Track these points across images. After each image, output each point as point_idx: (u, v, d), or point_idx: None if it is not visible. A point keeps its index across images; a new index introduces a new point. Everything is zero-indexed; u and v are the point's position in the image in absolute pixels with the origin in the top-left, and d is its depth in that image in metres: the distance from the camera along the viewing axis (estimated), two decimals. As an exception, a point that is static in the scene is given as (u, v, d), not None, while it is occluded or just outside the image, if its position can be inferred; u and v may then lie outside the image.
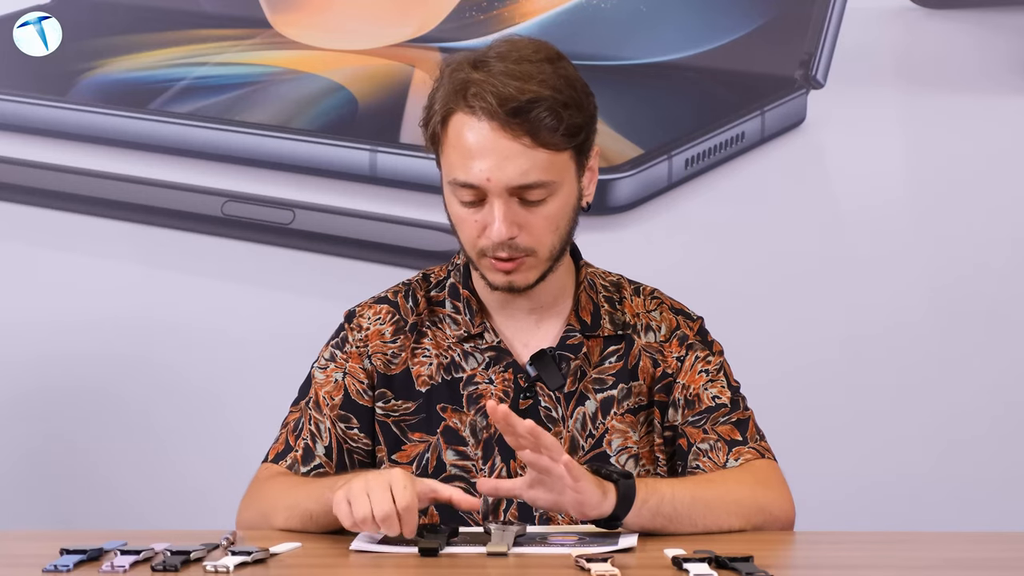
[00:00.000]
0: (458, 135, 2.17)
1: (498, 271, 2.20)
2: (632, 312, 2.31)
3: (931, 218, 3.29)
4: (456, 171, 2.17)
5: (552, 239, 2.21)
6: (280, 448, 2.29)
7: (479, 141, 2.15)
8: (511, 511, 2.23)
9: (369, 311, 2.32)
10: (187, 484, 3.29)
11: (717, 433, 2.25)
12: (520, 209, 2.17)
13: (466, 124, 2.16)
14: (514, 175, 2.15)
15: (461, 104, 2.16)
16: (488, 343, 2.27)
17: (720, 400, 2.27)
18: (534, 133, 2.14)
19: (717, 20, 3.29)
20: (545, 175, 2.17)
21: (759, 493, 2.19)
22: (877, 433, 3.27)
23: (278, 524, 2.18)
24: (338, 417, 2.27)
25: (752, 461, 2.25)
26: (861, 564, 2.01)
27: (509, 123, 2.13)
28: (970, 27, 3.29)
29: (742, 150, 3.31)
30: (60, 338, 3.30)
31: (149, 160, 3.32)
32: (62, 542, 1.97)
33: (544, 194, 2.18)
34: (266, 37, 3.35)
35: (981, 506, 3.24)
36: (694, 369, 2.29)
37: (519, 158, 2.15)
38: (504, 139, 2.14)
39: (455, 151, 2.17)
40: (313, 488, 2.15)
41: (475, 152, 2.15)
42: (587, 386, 2.27)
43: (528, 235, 2.18)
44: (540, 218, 2.19)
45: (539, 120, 2.14)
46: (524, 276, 2.21)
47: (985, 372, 3.27)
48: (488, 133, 2.14)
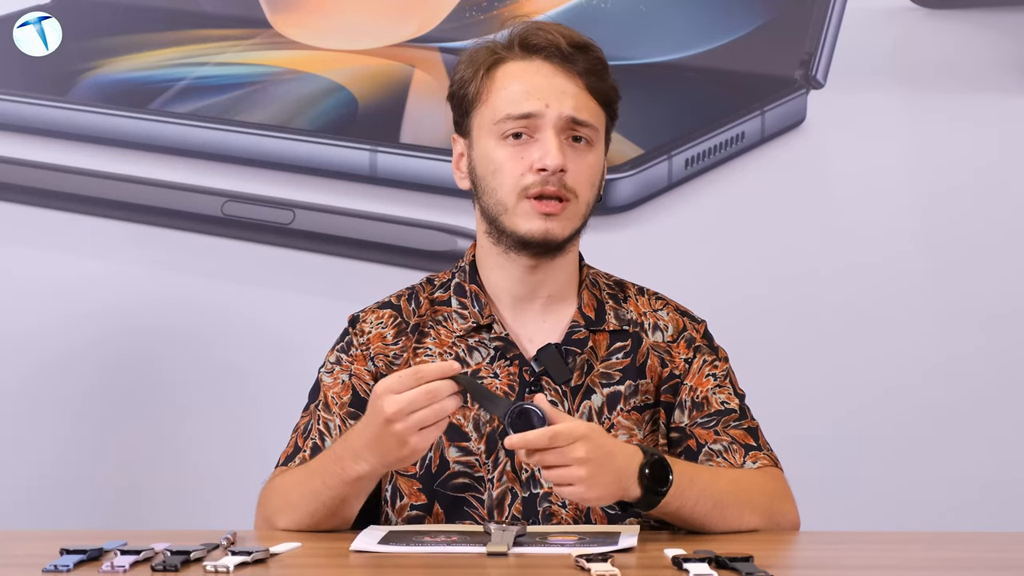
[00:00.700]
0: (510, 77, 2.23)
1: (539, 216, 2.21)
2: (638, 311, 2.32)
3: (931, 218, 3.29)
4: (508, 107, 2.21)
5: (589, 193, 2.25)
6: (290, 451, 2.30)
7: (536, 78, 2.22)
8: (516, 505, 2.23)
9: (372, 315, 2.33)
10: (187, 484, 3.29)
11: (730, 436, 2.26)
12: (568, 148, 2.22)
13: (521, 67, 2.23)
14: (572, 106, 2.21)
15: (514, 51, 2.23)
16: (496, 334, 2.27)
17: (729, 406, 2.28)
18: (587, 74, 2.22)
19: (717, 20, 3.29)
20: (593, 119, 2.23)
21: (776, 501, 2.21)
22: (876, 433, 3.27)
23: (293, 523, 2.17)
24: (348, 415, 2.27)
25: (769, 467, 2.25)
26: (861, 564, 2.01)
27: (567, 61, 2.21)
28: (970, 27, 3.29)
29: (742, 150, 3.31)
30: (59, 338, 3.30)
31: (149, 160, 3.32)
32: (62, 542, 1.97)
33: (591, 137, 2.24)
34: (266, 37, 3.35)
35: (981, 506, 3.25)
36: (701, 372, 2.29)
37: (576, 95, 2.22)
38: (561, 76, 2.22)
39: (505, 92, 2.22)
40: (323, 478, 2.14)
41: (532, 86, 2.21)
42: (594, 380, 2.28)
43: (574, 176, 2.22)
44: (584, 164, 2.23)
45: (592, 64, 2.23)
46: (561, 225, 2.22)
47: (984, 372, 3.27)
48: (546, 69, 2.22)
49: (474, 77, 2.24)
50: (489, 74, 2.23)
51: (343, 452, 2.11)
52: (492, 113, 2.22)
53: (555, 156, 2.19)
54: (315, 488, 2.15)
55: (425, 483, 2.24)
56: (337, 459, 2.12)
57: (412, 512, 2.24)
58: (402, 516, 2.25)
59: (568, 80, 2.21)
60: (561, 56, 2.21)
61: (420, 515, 2.24)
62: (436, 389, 2.02)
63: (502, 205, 2.22)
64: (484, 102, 2.23)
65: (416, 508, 2.24)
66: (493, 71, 2.23)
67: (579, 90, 2.22)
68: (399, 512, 2.25)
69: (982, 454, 3.26)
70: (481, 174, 2.24)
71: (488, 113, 2.23)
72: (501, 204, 2.22)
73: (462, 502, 2.23)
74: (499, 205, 2.23)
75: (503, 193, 2.22)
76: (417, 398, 2.01)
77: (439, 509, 2.23)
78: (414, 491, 2.25)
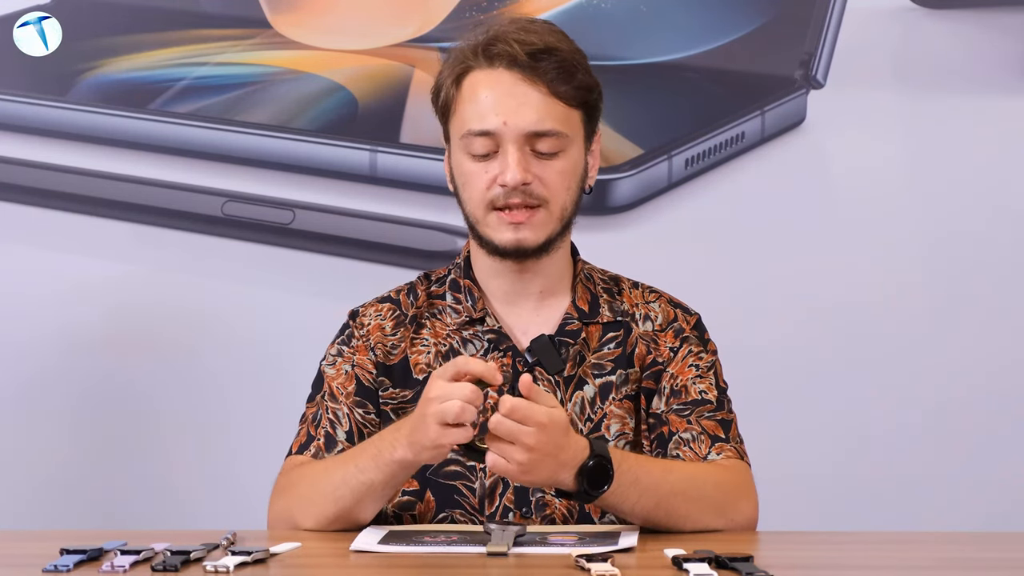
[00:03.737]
0: (474, 88, 2.22)
1: (508, 226, 2.22)
2: (631, 303, 2.33)
3: (930, 218, 3.29)
4: (471, 122, 2.22)
5: (564, 197, 2.24)
6: (303, 440, 2.30)
7: (497, 89, 2.21)
8: (507, 495, 2.23)
9: (371, 309, 2.35)
10: (187, 484, 3.29)
11: (701, 426, 2.26)
12: (534, 160, 2.22)
13: (484, 77, 2.22)
14: (531, 119, 2.20)
15: (479, 59, 2.22)
16: (489, 327, 2.28)
17: (707, 396, 2.28)
18: (551, 81, 2.20)
19: (717, 20, 3.29)
20: (559, 125, 2.22)
21: (731, 497, 2.20)
22: (876, 433, 3.27)
23: (304, 518, 2.17)
24: (355, 403, 2.28)
25: (732, 460, 2.25)
26: (861, 564, 2.01)
27: (528, 69, 2.20)
28: (970, 27, 3.29)
29: (742, 150, 3.31)
30: (58, 338, 3.30)
31: (149, 160, 3.32)
32: (62, 542, 1.97)
33: (557, 146, 2.22)
34: (266, 37, 3.35)
35: (981, 506, 3.24)
36: (685, 362, 2.30)
37: (536, 104, 2.20)
38: (522, 85, 2.20)
39: (470, 104, 2.22)
40: (356, 461, 2.14)
41: (492, 100, 2.20)
42: (586, 371, 2.29)
43: (541, 185, 2.22)
44: (554, 172, 2.23)
45: (556, 69, 2.20)
46: (534, 232, 2.23)
47: (984, 371, 3.27)
48: (507, 79, 2.21)
49: (445, 85, 2.26)
50: (457, 84, 2.24)
51: (387, 436, 2.12)
52: (460, 125, 2.24)
53: (514, 172, 2.20)
54: (347, 473, 2.15)
55: (418, 470, 2.24)
56: (378, 444, 2.13)
57: (404, 498, 2.25)
58: (393, 503, 2.25)
59: (531, 87, 2.20)
60: (521, 65, 2.20)
61: (412, 500, 2.24)
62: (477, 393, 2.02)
63: (474, 216, 2.26)
64: (454, 112, 2.25)
65: (408, 494, 2.25)
66: (461, 80, 2.24)
67: (543, 96, 2.20)
68: (391, 499, 2.25)
69: (982, 454, 3.26)
70: (458, 183, 2.28)
71: (457, 124, 2.25)
72: (474, 215, 2.26)
73: (453, 490, 2.24)
74: (472, 215, 2.26)
75: (472, 206, 2.25)
76: (457, 389, 2.02)
77: (430, 496, 2.24)
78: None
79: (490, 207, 2.23)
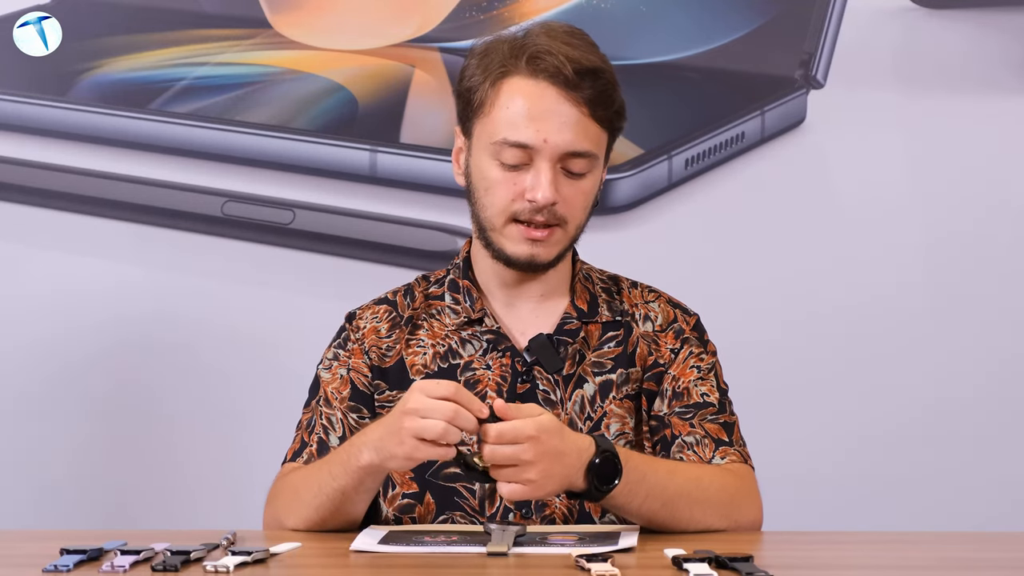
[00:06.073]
0: (513, 96, 2.19)
1: (525, 240, 2.22)
2: (631, 303, 2.33)
3: (931, 218, 3.29)
4: (507, 130, 2.19)
5: (581, 217, 2.25)
6: (296, 447, 2.31)
7: (539, 104, 2.18)
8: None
9: (368, 312, 2.35)
10: (188, 484, 3.29)
11: (704, 429, 2.26)
12: (564, 179, 2.21)
13: (525, 86, 2.19)
14: (569, 140, 2.18)
15: (520, 66, 2.19)
16: (487, 327, 2.28)
17: (708, 399, 2.28)
18: (592, 103, 2.19)
19: (717, 20, 3.29)
20: (593, 147, 2.21)
21: (736, 500, 2.20)
22: (876, 433, 3.27)
23: (291, 524, 2.18)
24: (349, 408, 2.28)
25: (737, 464, 2.25)
26: (861, 564, 2.01)
27: (572, 87, 2.18)
28: (970, 27, 3.29)
29: (742, 150, 3.31)
30: (58, 338, 3.30)
31: (149, 160, 3.32)
32: (62, 542, 1.97)
33: (587, 167, 2.22)
34: (266, 37, 3.35)
35: (981, 506, 3.25)
36: (686, 363, 2.30)
37: (577, 125, 2.19)
38: (565, 104, 2.18)
39: (507, 112, 2.19)
40: (330, 467, 2.14)
41: (534, 113, 2.18)
42: (585, 369, 2.28)
43: (565, 205, 2.21)
44: (578, 191, 2.22)
45: (599, 92, 2.19)
46: (548, 250, 2.23)
47: (984, 371, 3.27)
48: (550, 95, 2.18)
49: (482, 84, 2.22)
50: (495, 86, 2.20)
51: (356, 441, 2.12)
52: (492, 129, 2.21)
53: (547, 191, 2.19)
54: (322, 480, 2.15)
55: (417, 472, 2.24)
56: (347, 450, 2.13)
57: (403, 501, 2.25)
58: (393, 505, 2.25)
59: (572, 107, 2.18)
60: (566, 83, 2.18)
61: (411, 503, 2.25)
62: (461, 414, 2.00)
63: (491, 223, 2.24)
64: (487, 114, 2.22)
65: (407, 496, 2.25)
66: (499, 83, 2.20)
67: (581, 117, 2.19)
68: (390, 502, 2.25)
69: (982, 453, 3.26)
70: (475, 185, 2.25)
71: (489, 127, 2.21)
72: (490, 222, 2.24)
73: (453, 492, 2.24)
74: (488, 222, 2.24)
75: (492, 213, 2.23)
76: (441, 408, 2.00)
77: (430, 499, 2.24)
78: (406, 480, 2.25)
79: (511, 219, 2.22)
